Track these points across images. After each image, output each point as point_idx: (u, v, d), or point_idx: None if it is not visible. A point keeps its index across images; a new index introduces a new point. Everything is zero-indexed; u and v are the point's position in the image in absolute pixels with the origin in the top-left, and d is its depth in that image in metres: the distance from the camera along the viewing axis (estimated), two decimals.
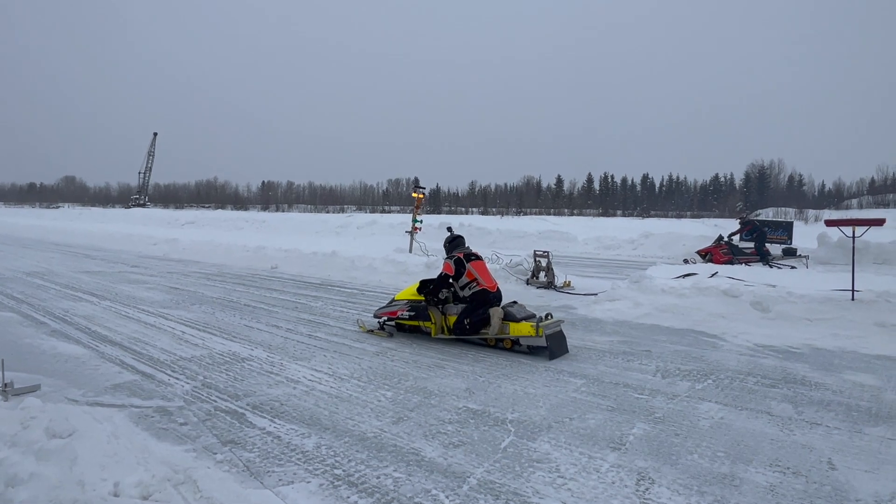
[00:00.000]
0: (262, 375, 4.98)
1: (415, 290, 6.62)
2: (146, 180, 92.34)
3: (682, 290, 8.01)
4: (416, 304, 6.54)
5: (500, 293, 6.32)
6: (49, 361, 5.28)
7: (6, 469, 2.60)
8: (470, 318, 6.04)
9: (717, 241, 15.65)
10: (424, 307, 6.48)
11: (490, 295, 6.16)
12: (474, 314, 6.03)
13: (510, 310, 6.00)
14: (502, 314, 5.92)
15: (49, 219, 48.08)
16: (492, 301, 6.13)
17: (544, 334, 5.59)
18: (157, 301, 8.82)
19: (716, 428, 3.84)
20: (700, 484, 3.03)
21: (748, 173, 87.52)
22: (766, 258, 14.70)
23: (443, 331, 6.42)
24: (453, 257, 6.38)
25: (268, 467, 3.18)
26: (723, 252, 15.05)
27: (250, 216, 44.62)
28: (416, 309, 6.52)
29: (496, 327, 5.87)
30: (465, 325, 6.07)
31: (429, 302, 6.49)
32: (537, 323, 5.70)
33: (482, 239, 22.61)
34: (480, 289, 6.16)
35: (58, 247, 20.41)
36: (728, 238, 15.61)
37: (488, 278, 6.34)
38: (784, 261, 14.72)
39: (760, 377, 5.04)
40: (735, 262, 14.17)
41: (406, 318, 6.59)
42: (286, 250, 15.08)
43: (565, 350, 5.85)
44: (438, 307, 6.49)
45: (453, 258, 6.36)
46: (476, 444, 3.55)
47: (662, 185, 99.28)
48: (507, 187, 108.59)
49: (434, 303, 6.50)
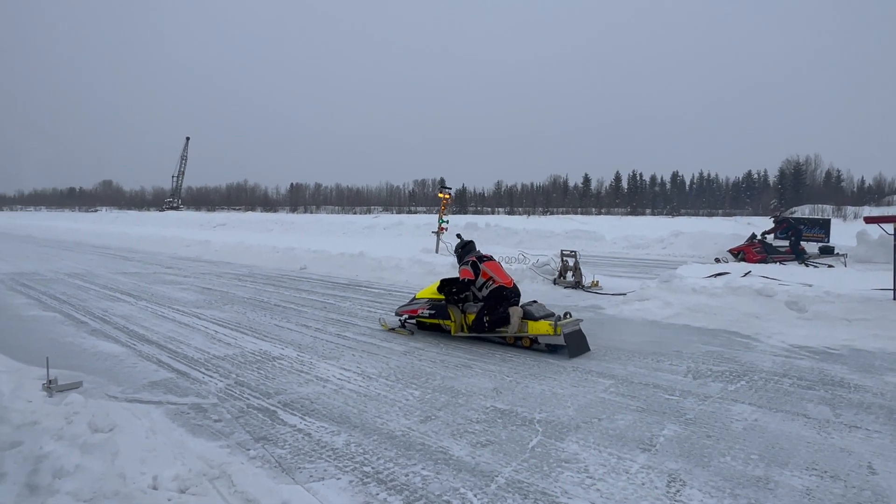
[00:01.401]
0: (293, 374, 5.07)
1: (435, 290, 6.71)
2: (179, 184, 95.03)
3: (713, 290, 7.85)
4: (437, 302, 6.63)
5: (517, 289, 6.37)
6: (90, 359, 5.48)
7: (53, 462, 2.71)
8: (490, 315, 6.09)
9: (750, 240, 15.27)
10: (444, 305, 6.56)
11: (507, 290, 6.21)
12: (494, 312, 6.08)
13: (529, 308, 6.04)
14: (521, 313, 5.96)
15: (87, 222, 49.83)
16: (509, 296, 6.18)
17: (562, 333, 5.61)
18: (190, 301, 9.06)
19: (749, 430, 3.76)
20: (733, 486, 2.97)
21: (783, 170, 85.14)
22: (801, 257, 14.27)
23: (462, 329, 6.49)
24: (468, 262, 6.50)
25: (299, 464, 3.24)
26: (756, 251, 14.66)
27: (279, 218, 45.44)
28: (437, 307, 6.60)
29: (515, 326, 5.90)
30: (484, 323, 6.13)
31: (448, 300, 6.57)
32: (555, 321, 5.73)
33: (508, 239, 22.53)
34: (497, 286, 6.23)
35: (96, 249, 21.12)
36: (762, 236, 15.22)
37: (503, 276, 6.41)
38: (821, 259, 14.25)
39: (796, 379, 4.91)
40: (769, 261, 13.81)
41: (426, 317, 6.68)
42: (314, 251, 15.30)
43: (586, 349, 5.84)
44: (458, 305, 6.59)
45: (468, 262, 6.48)
46: (504, 443, 3.55)
47: (693, 183, 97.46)
48: (534, 187, 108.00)
49: (454, 301, 6.59)
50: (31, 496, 2.51)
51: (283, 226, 36.33)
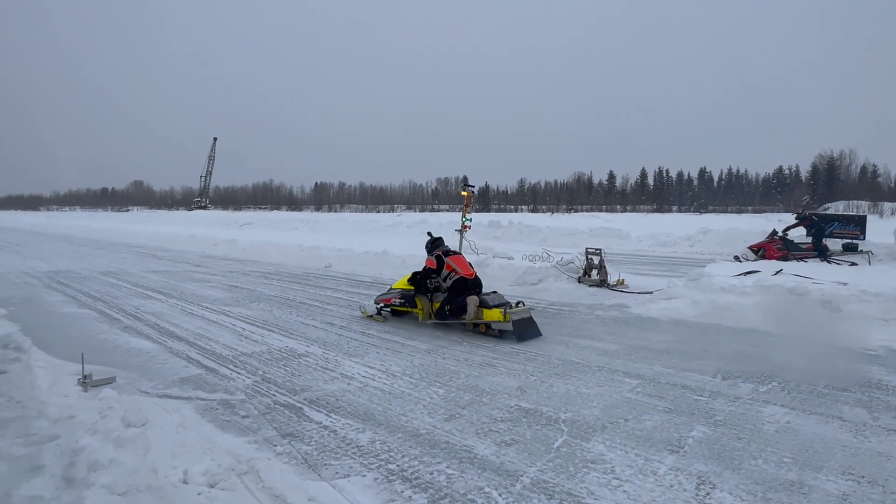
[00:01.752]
0: (318, 371, 5.12)
1: (406, 281, 7.47)
2: (207, 183, 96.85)
3: (743, 289, 7.68)
4: (407, 292, 7.39)
5: (478, 280, 7.02)
6: (123, 355, 5.63)
7: (88, 455, 2.79)
8: (451, 304, 6.76)
9: (771, 236, 14.98)
10: (413, 295, 7.31)
11: (468, 282, 6.85)
12: (454, 301, 6.73)
13: (485, 298, 6.70)
14: (478, 301, 6.62)
15: (119, 221, 51.23)
16: (470, 287, 6.82)
17: (511, 319, 6.26)
18: (218, 299, 9.23)
19: (782, 432, 3.67)
20: (765, 490, 2.90)
21: (815, 165, 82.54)
22: (824, 254, 13.92)
23: (429, 316, 7.16)
24: (434, 255, 7.22)
25: (325, 460, 3.27)
26: (776, 248, 14.36)
27: (304, 217, 45.96)
28: (406, 297, 7.36)
29: (472, 313, 6.55)
30: (445, 311, 6.83)
31: (418, 291, 7.29)
32: (506, 310, 6.36)
33: (532, 237, 22.39)
34: (459, 277, 6.87)
35: (128, 247, 21.69)
36: (782, 233, 14.92)
37: (465, 268, 7.03)
38: (844, 256, 13.87)
39: (830, 380, 4.76)
40: (789, 258, 13.54)
41: (398, 305, 7.43)
42: (339, 249, 15.45)
43: (536, 334, 6.43)
44: (427, 295, 7.27)
45: (434, 255, 7.22)
46: (528, 442, 3.53)
47: (721, 179, 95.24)
48: (557, 184, 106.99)
49: (423, 291, 7.28)
50: (68, 489, 2.58)
51: (308, 224, 36.77)
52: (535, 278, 10.45)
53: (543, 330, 6.53)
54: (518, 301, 6.79)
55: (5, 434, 3.14)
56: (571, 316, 7.83)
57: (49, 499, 2.52)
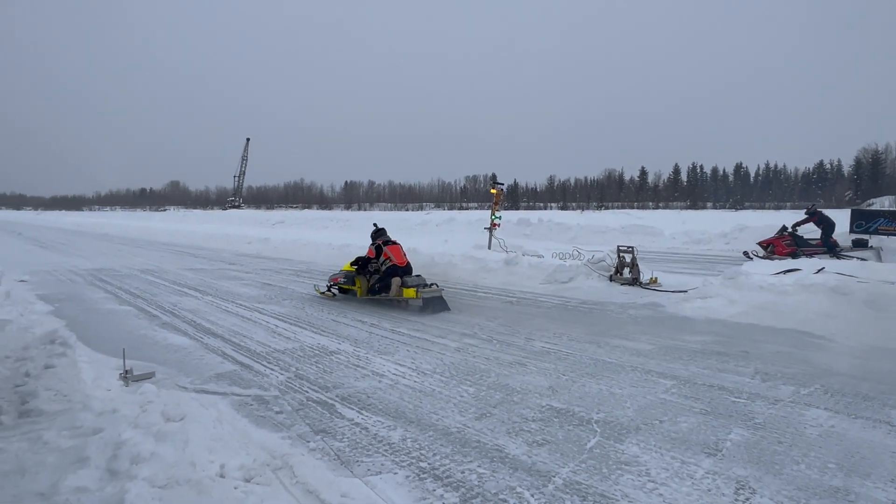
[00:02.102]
0: (350, 368, 5.17)
1: (350, 265, 9.08)
2: (240, 183, 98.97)
3: (783, 287, 7.43)
4: (350, 273, 9.00)
5: (409, 267, 8.58)
6: (161, 351, 5.79)
7: (130, 448, 2.88)
8: (379, 284, 8.49)
9: (781, 232, 14.82)
10: (353, 276, 8.93)
11: (399, 269, 8.41)
12: (382, 282, 8.44)
13: (407, 279, 8.25)
14: (400, 282, 8.22)
15: (157, 220, 52.80)
16: (399, 272, 8.38)
17: (421, 297, 7.83)
18: (252, 296, 9.42)
19: (825, 437, 3.54)
20: (808, 497, 2.80)
21: (859, 159, 79.43)
22: (833, 249, 13.74)
23: (366, 293, 8.77)
24: (375, 244, 8.74)
25: (357, 457, 3.30)
26: (786, 243, 14.30)
27: (334, 215, 46.54)
28: (348, 277, 8.98)
29: (394, 291, 8.20)
30: (375, 289, 8.55)
31: (359, 272, 8.90)
32: (418, 289, 7.97)
33: (561, 235, 22.17)
34: (392, 265, 8.44)
35: (166, 246, 22.32)
36: (792, 228, 14.68)
37: (399, 257, 8.56)
38: (853, 252, 13.62)
39: (877, 382, 4.58)
40: (799, 254, 13.43)
41: (342, 283, 8.99)
42: None
43: (443, 308, 7.94)
44: (366, 276, 8.85)
45: (375, 245, 8.74)
46: (560, 443, 3.49)
47: (758, 175, 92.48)
48: (588, 181, 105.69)
49: (363, 273, 8.87)
50: (112, 480, 2.67)
51: (338, 223, 37.21)
52: (565, 276, 10.33)
53: (572, 329, 6.47)
54: (432, 283, 8.35)
55: (53, 426, 3.27)
56: (603, 315, 7.72)
57: (94, 490, 2.60)
